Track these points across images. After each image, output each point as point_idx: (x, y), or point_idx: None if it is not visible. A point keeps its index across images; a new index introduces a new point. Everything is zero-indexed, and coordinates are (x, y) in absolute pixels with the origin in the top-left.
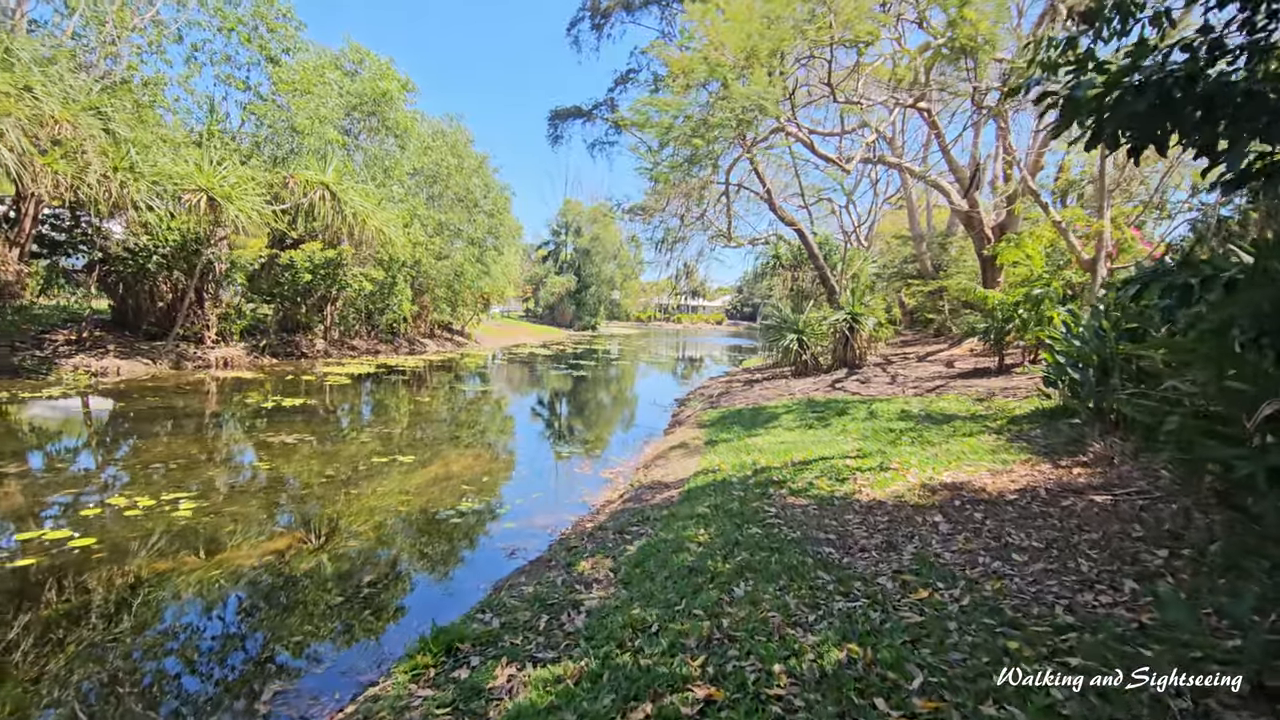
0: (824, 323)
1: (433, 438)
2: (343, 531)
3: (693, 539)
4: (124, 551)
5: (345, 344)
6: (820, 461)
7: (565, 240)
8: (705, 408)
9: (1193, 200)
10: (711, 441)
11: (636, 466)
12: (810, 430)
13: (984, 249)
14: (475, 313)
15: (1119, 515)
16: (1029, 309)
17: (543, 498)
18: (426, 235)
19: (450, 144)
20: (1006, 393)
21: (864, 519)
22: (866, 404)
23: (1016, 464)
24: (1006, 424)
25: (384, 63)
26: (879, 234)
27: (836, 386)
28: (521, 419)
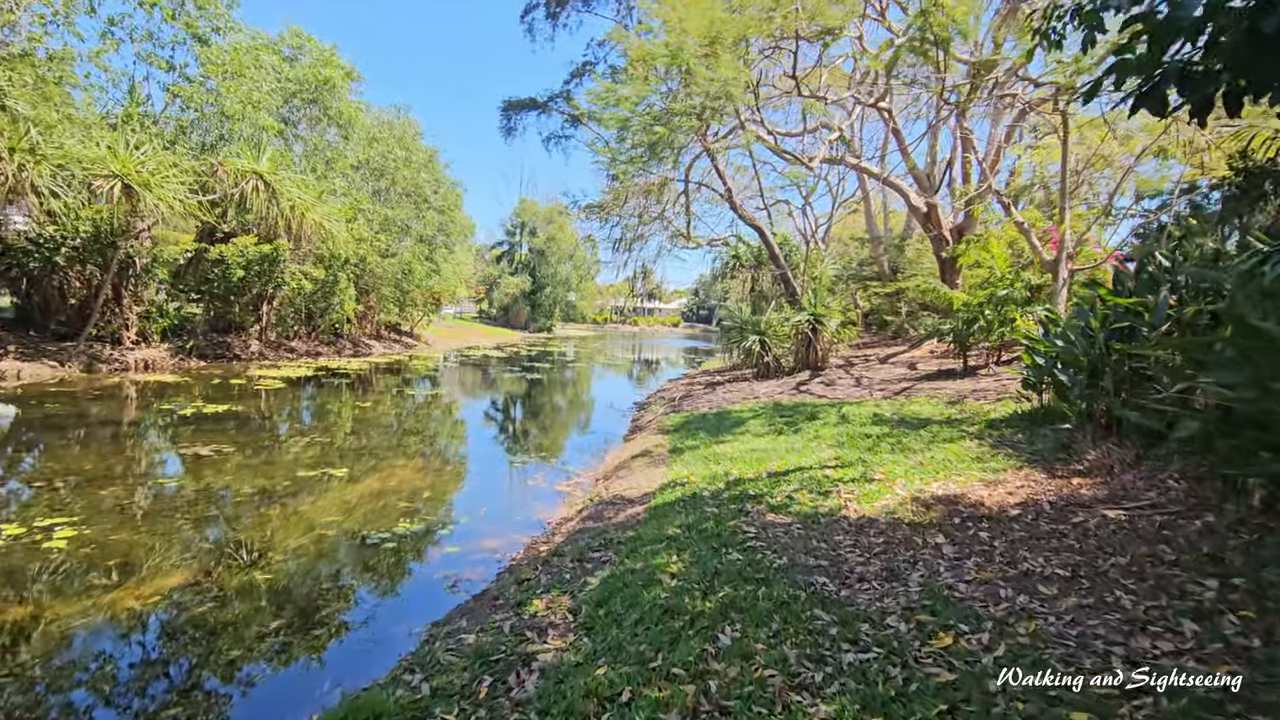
0: (786, 324)
1: (372, 447)
2: (249, 564)
3: (664, 568)
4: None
5: (283, 346)
6: (798, 472)
7: (520, 240)
8: (667, 412)
9: (1136, 207)
10: (677, 449)
11: (596, 478)
12: (781, 436)
13: (943, 251)
14: (425, 313)
15: (1139, 534)
16: (993, 310)
17: (492, 515)
18: (372, 231)
19: (398, 136)
20: (977, 395)
21: (856, 540)
22: (836, 407)
23: (1008, 473)
24: (985, 428)
25: (326, 49)
26: (834, 237)
27: (801, 389)
28: (472, 426)
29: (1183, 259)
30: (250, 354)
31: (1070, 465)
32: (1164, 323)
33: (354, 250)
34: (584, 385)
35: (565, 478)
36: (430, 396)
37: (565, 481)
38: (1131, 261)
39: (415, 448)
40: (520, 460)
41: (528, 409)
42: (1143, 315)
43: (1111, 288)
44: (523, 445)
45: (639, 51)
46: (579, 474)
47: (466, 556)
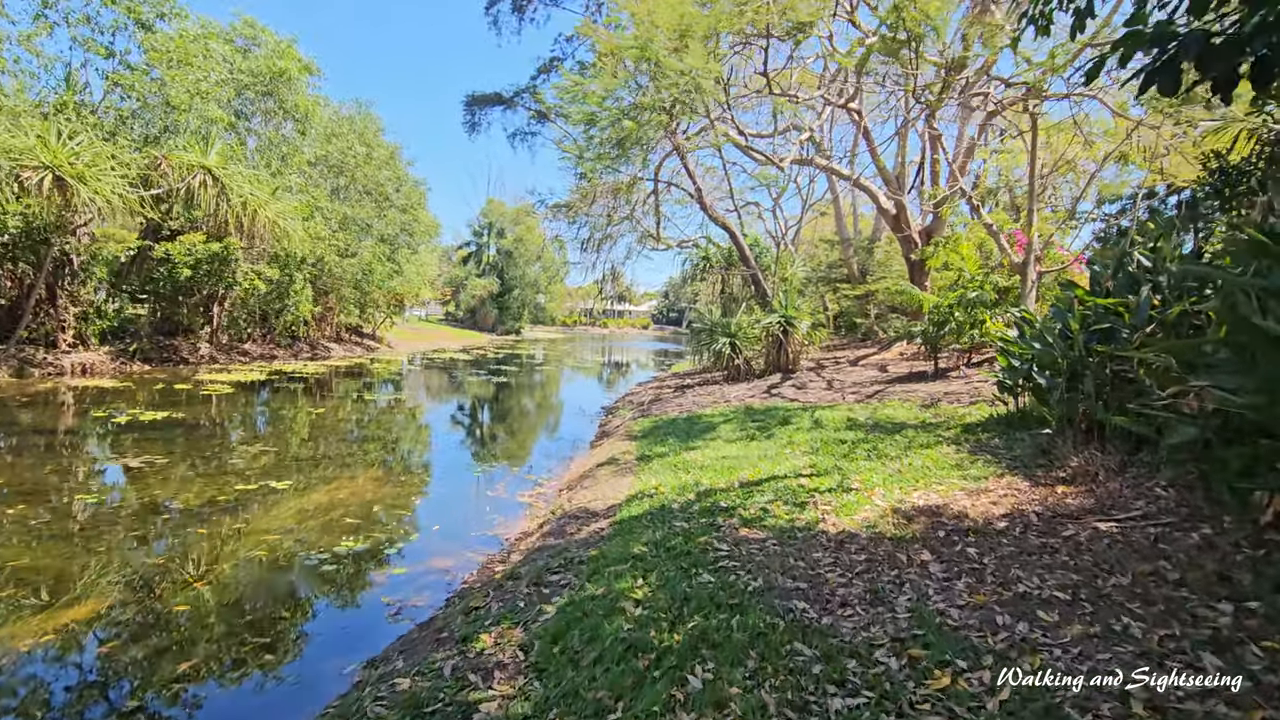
0: (757, 326)
1: (323, 457)
2: (160, 594)
3: (629, 593)
4: None
5: (235, 349)
6: (772, 481)
7: (487, 241)
8: (636, 416)
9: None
10: (645, 457)
11: (560, 488)
12: (754, 442)
13: (912, 253)
14: (388, 315)
15: (1135, 548)
16: (964, 312)
17: (447, 530)
18: (330, 230)
19: (358, 132)
20: (950, 398)
21: (836, 557)
22: (809, 411)
23: (989, 480)
24: (961, 433)
25: (283, 41)
26: (804, 239)
27: (773, 392)
28: (432, 432)
29: (1164, 259)
30: (199, 357)
31: (1052, 472)
32: (1146, 324)
33: (311, 249)
34: (551, 389)
35: (528, 487)
36: (390, 401)
37: (528, 492)
38: (1094, 265)
39: (370, 456)
40: (482, 468)
41: (492, 414)
42: (1122, 316)
43: (1088, 288)
44: (485, 452)
45: (607, 45)
46: (543, 483)
47: (415, 579)
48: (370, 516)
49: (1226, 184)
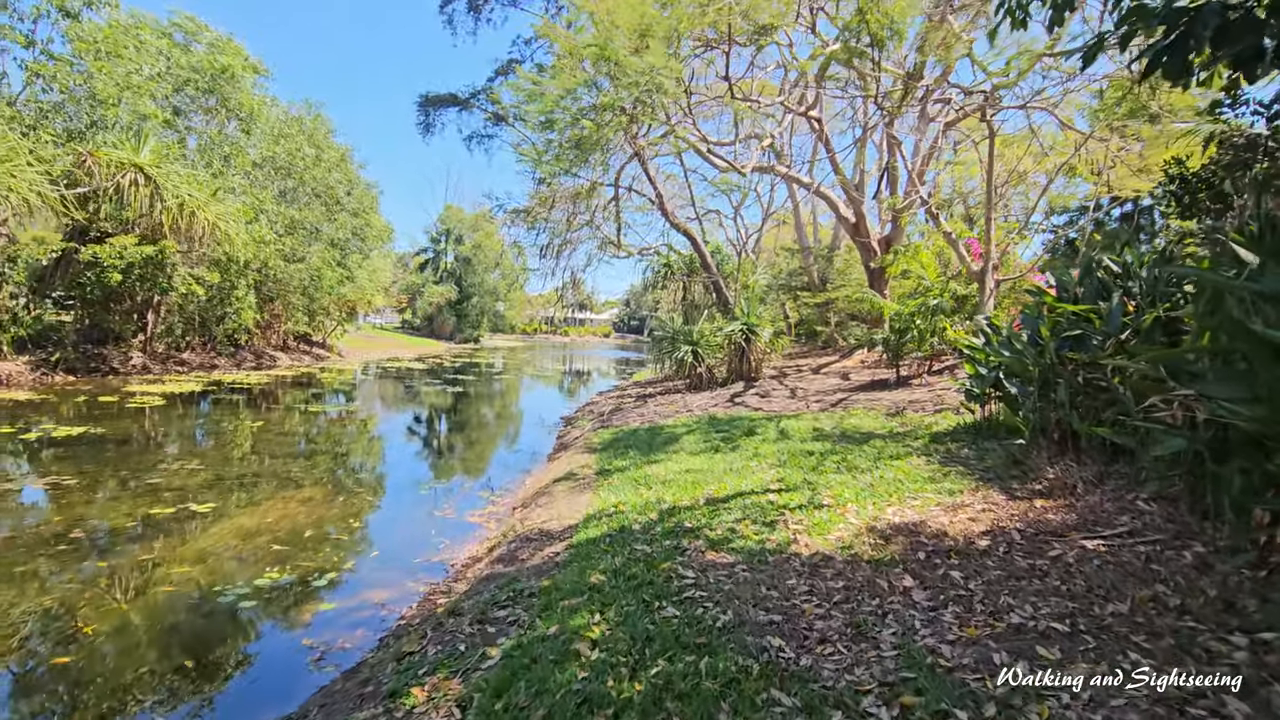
0: (719, 334)
1: (255, 475)
2: (35, 647)
3: (584, 633)
4: None
5: (172, 358)
6: (739, 498)
7: (445, 248)
8: (596, 427)
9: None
10: (604, 471)
11: (514, 506)
12: (718, 454)
13: (871, 261)
14: (339, 323)
15: (1128, 570)
16: (925, 320)
17: (388, 556)
18: (276, 234)
19: (308, 133)
20: (915, 406)
21: (811, 584)
22: (774, 421)
23: (965, 494)
24: (930, 443)
25: (224, 37)
26: (764, 247)
27: (736, 401)
28: (378, 447)
29: (1136, 264)
30: (131, 367)
31: (1028, 484)
32: (1119, 331)
33: (255, 254)
34: (509, 399)
35: (480, 506)
36: (337, 413)
37: (479, 511)
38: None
39: (309, 474)
40: (430, 486)
41: (445, 426)
42: (1093, 322)
43: (1055, 295)
44: (436, 468)
45: (566, 45)
46: (496, 501)
47: (345, 615)
48: (302, 543)
49: (1187, 191)
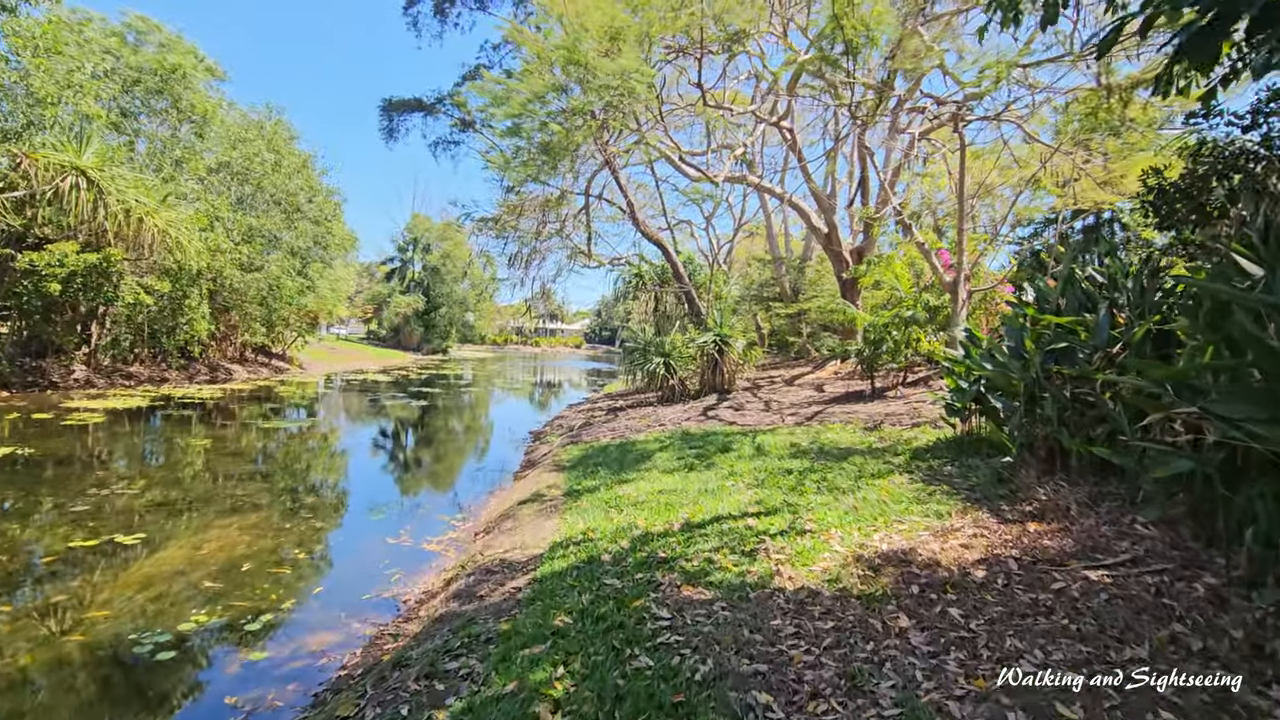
0: (691, 345)
1: (194, 499)
2: None
3: (545, 690)
4: None
5: (119, 371)
6: (716, 524)
7: (412, 257)
8: (565, 443)
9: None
10: (573, 492)
11: (476, 531)
12: (693, 473)
13: (843, 272)
14: (299, 334)
15: (1139, 605)
16: (900, 331)
17: (332, 593)
18: (233, 242)
19: (267, 138)
20: (892, 420)
21: (798, 625)
22: (749, 436)
23: (954, 517)
24: (910, 459)
25: (176, 37)
26: (736, 258)
27: (710, 415)
28: (333, 467)
29: (1123, 274)
30: (73, 381)
31: (1018, 505)
32: (1108, 344)
33: (208, 262)
34: (476, 412)
35: (439, 532)
36: (291, 430)
37: (438, 537)
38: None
39: (255, 498)
40: (387, 509)
41: (408, 443)
42: (1080, 335)
43: (1036, 307)
44: (394, 489)
45: (535, 48)
46: (457, 525)
47: (278, 666)
48: (238, 578)
49: (1165, 201)
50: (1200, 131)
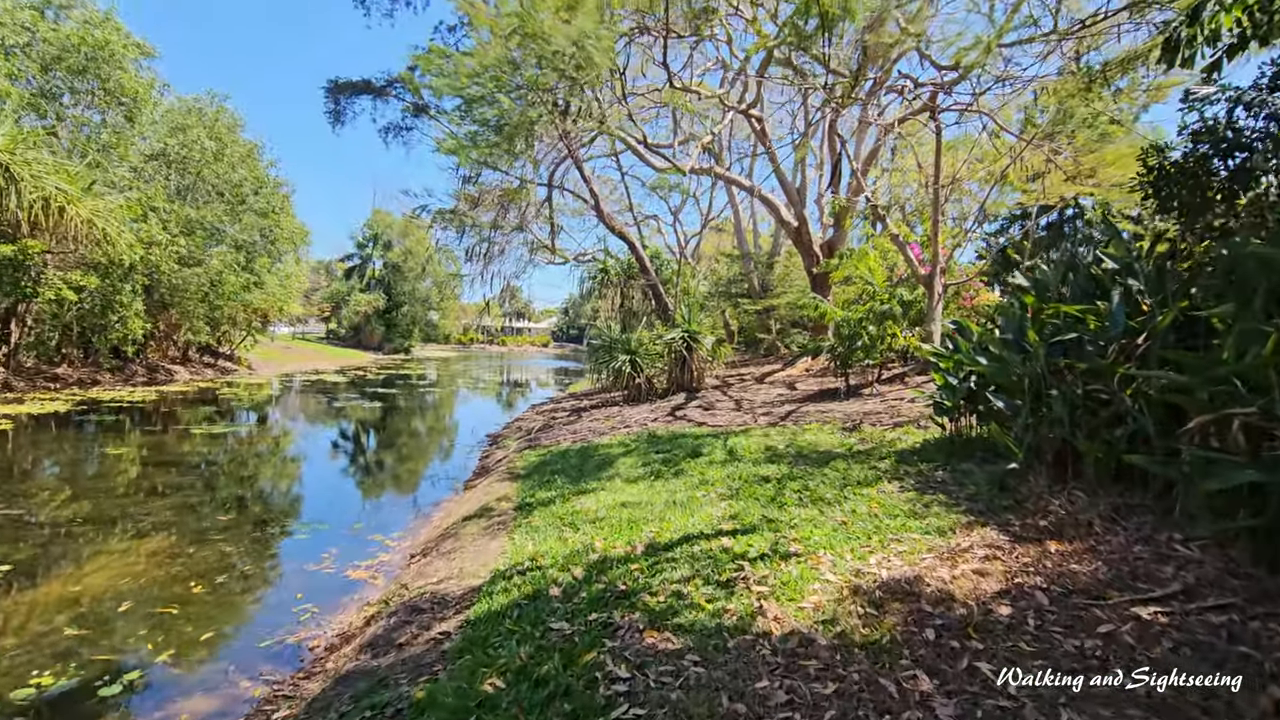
0: (659, 341)
1: (88, 519)
2: None
3: None
4: None
5: (42, 373)
6: (685, 545)
7: (372, 254)
8: (522, 447)
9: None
10: (525, 505)
11: (411, 553)
12: (659, 481)
13: (814, 266)
14: (248, 333)
15: (1214, 657)
16: (875, 326)
17: (223, 641)
18: (169, 235)
19: (208, 125)
20: (871, 419)
21: (791, 687)
22: (720, 438)
23: (958, 533)
24: (897, 463)
25: (101, 11)
26: (704, 254)
27: (678, 415)
28: (260, 478)
29: (1140, 258)
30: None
31: (1030, 519)
32: (1123, 334)
33: (141, 256)
34: (433, 415)
35: (369, 554)
36: (225, 437)
37: (366, 562)
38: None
39: (160, 517)
40: (313, 528)
41: (349, 451)
42: (1088, 323)
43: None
44: (327, 503)
45: (486, 20)
46: (391, 546)
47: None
48: (111, 621)
49: (1166, 184)
50: (1200, 107)
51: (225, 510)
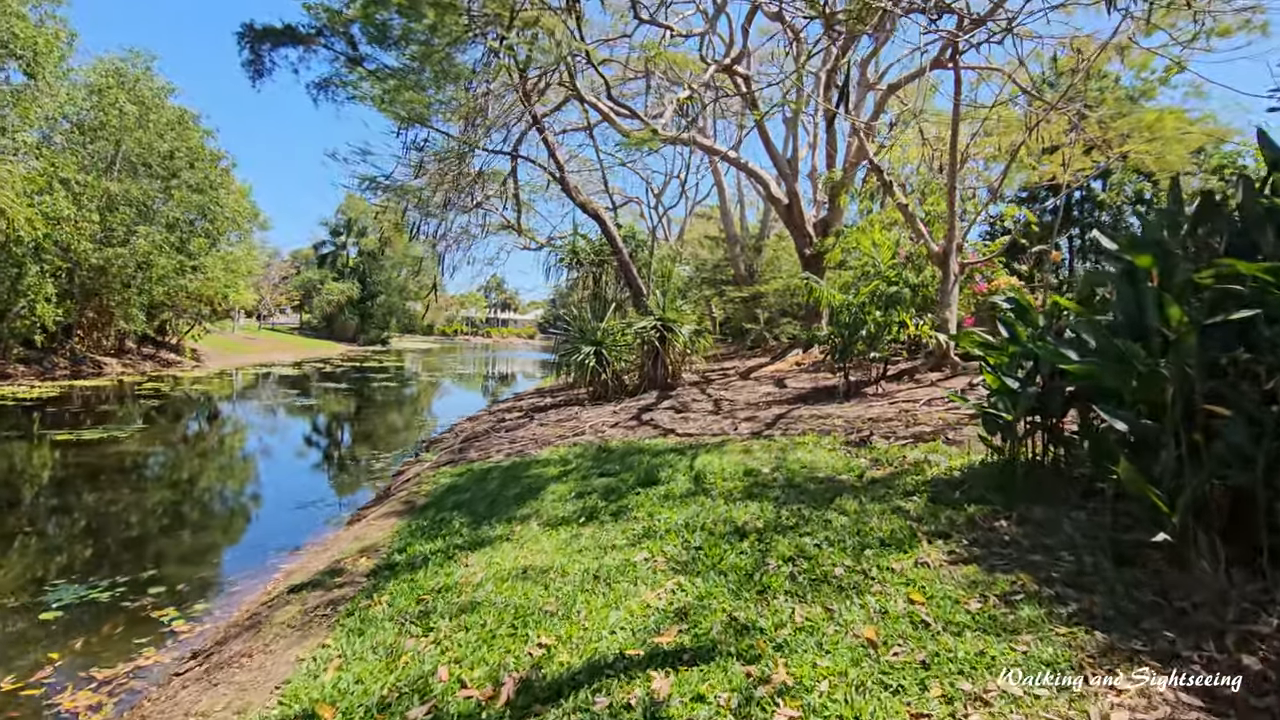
0: (628, 331)
1: None
2: None
3: None
4: None
5: None
6: (588, 687)
7: (347, 242)
8: (444, 461)
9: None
10: (387, 569)
11: (196, 652)
12: (590, 527)
13: (807, 248)
14: (196, 322)
15: None
16: (881, 312)
17: None
18: (84, 210)
19: (129, 88)
20: (881, 428)
21: None
22: (688, 457)
23: (1093, 685)
24: (932, 503)
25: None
26: (687, 240)
27: (644, 419)
28: (73, 501)
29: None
30: None
31: (1211, 647)
32: None
33: (44, 233)
34: (373, 415)
35: (131, 650)
36: (89, 445)
37: (109, 673)
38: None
39: None
40: (74, 597)
41: (230, 465)
42: None
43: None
44: (135, 550)
45: None
46: (180, 634)
47: None
48: None
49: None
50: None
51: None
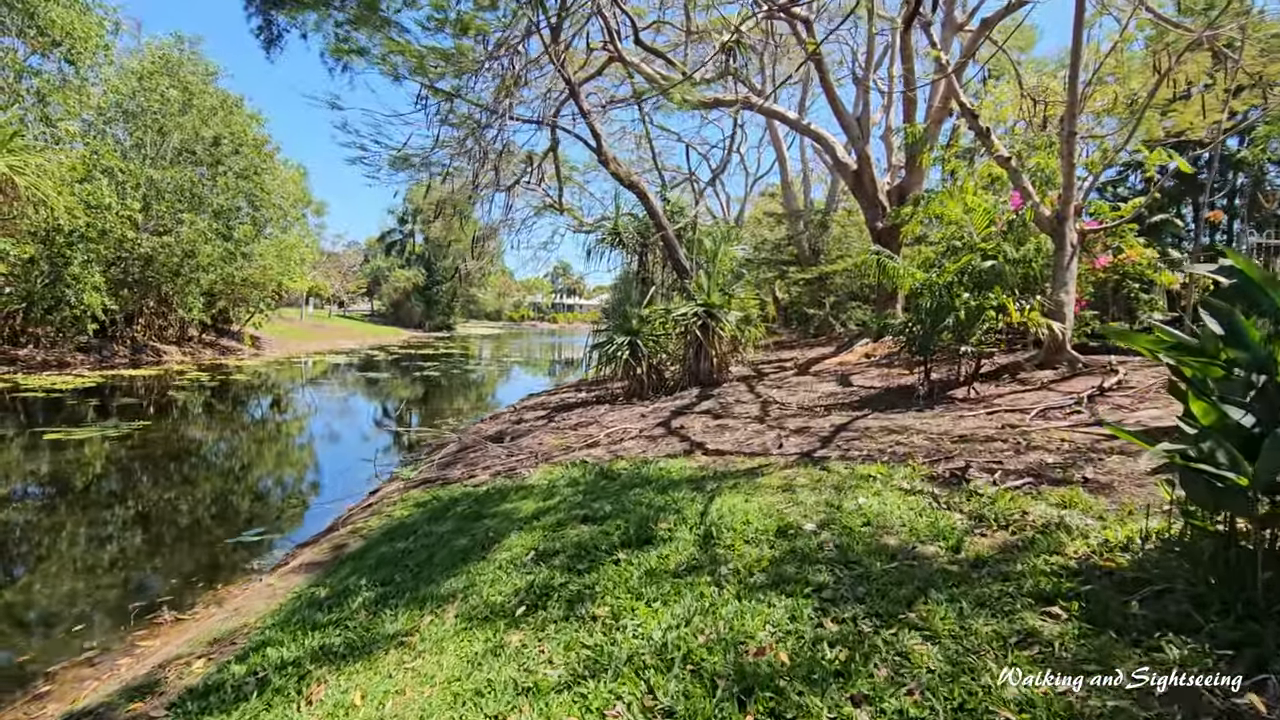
0: (668, 318)
1: None
2: None
3: None
4: None
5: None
6: None
7: (413, 229)
8: (422, 479)
9: (1088, 176)
10: (200, 699)
11: None
12: (516, 635)
13: (879, 221)
14: (257, 309)
15: None
16: (973, 293)
17: None
18: (127, 198)
19: (173, 73)
20: (981, 455)
21: None
22: (704, 496)
23: None
24: (1085, 626)
25: None
26: (747, 221)
27: (673, 426)
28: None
29: None
30: None
31: None
32: None
33: (85, 222)
34: (417, 404)
35: None
36: (82, 443)
37: None
38: None
39: None
40: None
41: (221, 469)
42: None
43: None
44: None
45: None
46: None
47: None
48: None
49: None
50: None
51: None
